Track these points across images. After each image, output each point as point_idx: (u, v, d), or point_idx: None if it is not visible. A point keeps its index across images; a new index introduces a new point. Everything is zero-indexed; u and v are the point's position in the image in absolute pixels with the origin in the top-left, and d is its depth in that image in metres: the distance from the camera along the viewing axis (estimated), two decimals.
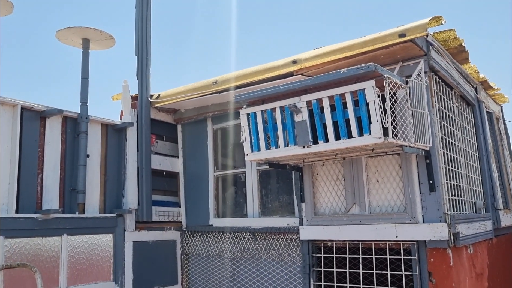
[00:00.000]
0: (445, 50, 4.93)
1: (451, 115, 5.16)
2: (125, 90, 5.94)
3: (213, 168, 6.19)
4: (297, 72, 4.86)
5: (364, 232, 4.63)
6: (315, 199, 5.12)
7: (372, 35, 4.40)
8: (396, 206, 4.59)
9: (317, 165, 5.13)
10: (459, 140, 5.31)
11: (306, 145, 4.12)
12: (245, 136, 4.56)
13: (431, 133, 4.34)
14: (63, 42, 5.51)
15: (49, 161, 5.10)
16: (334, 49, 4.57)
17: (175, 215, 6.33)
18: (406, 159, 4.52)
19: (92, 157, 5.50)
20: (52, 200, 5.07)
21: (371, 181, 4.78)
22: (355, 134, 3.87)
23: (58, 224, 4.92)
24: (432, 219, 4.30)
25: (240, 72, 5.34)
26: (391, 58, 4.56)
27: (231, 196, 6.17)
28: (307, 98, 4.13)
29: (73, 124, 5.39)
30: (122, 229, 5.58)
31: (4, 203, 4.64)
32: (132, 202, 5.73)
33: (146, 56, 6.11)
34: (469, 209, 5.21)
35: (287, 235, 5.35)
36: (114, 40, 5.57)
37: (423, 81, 4.39)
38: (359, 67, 3.78)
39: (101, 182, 5.62)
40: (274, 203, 5.68)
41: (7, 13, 4.68)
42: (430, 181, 4.36)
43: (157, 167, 6.20)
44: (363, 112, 3.81)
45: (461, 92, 5.51)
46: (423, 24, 4.09)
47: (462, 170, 5.22)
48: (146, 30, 6.17)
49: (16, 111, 4.79)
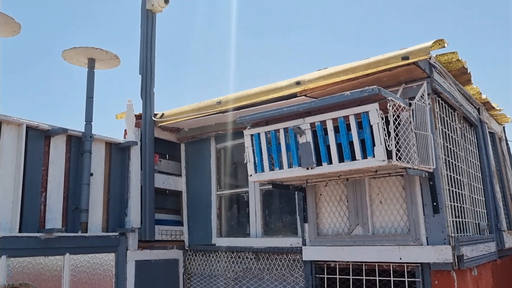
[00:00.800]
0: (447, 72, 4.97)
1: (454, 137, 5.18)
2: (129, 109, 5.97)
3: (216, 187, 6.20)
4: (300, 93, 4.89)
5: (368, 253, 4.61)
6: (318, 219, 5.11)
7: (376, 57, 4.44)
8: (399, 227, 4.58)
9: (321, 185, 5.13)
10: (462, 161, 5.32)
11: (310, 166, 4.13)
12: (249, 157, 4.58)
13: (434, 155, 4.36)
14: (69, 62, 5.57)
15: (53, 180, 5.11)
16: (338, 71, 4.61)
17: (178, 234, 6.32)
18: (410, 180, 4.53)
19: (95, 176, 5.52)
20: (56, 219, 5.07)
21: (374, 202, 4.78)
22: (359, 157, 3.88)
23: (61, 243, 4.91)
24: (436, 241, 4.29)
25: (243, 92, 5.38)
26: (394, 80, 4.59)
27: (234, 216, 6.16)
28: (311, 120, 4.16)
29: (77, 143, 5.41)
30: (124, 248, 5.56)
31: (8, 221, 4.64)
32: (135, 221, 5.72)
33: (151, 76, 6.17)
34: (473, 231, 5.19)
35: (290, 255, 5.33)
36: (119, 60, 5.63)
37: (426, 103, 4.42)
38: (363, 90, 3.81)
39: (104, 200, 5.62)
40: (277, 223, 5.67)
41: (14, 34, 4.74)
42: (433, 203, 4.36)
43: (160, 186, 6.20)
44: (367, 134, 3.82)
45: (464, 113, 5.53)
46: (426, 47, 4.13)
47: (466, 192, 5.22)
48: (151, 50, 6.24)
49: (21, 130, 4.82)
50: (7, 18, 4.45)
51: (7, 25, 4.57)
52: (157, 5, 6.25)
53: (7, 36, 4.76)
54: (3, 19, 4.46)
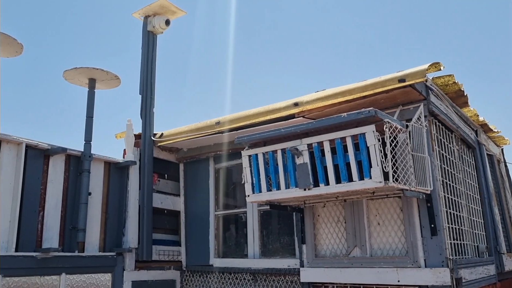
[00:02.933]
0: (444, 95, 5.02)
1: (451, 158, 5.19)
2: (129, 129, 6.01)
3: (214, 208, 6.19)
4: (298, 114, 4.93)
5: (366, 275, 4.58)
6: (316, 240, 5.09)
7: (373, 79, 4.49)
8: (397, 249, 4.56)
9: (318, 206, 5.12)
10: (460, 183, 5.32)
11: (307, 187, 4.14)
12: (246, 177, 4.59)
13: (431, 176, 4.37)
14: (70, 82, 5.63)
15: (51, 199, 5.11)
16: (335, 93, 4.66)
17: (175, 254, 6.28)
18: (407, 202, 4.52)
19: (94, 195, 5.52)
20: (52, 238, 5.05)
21: (372, 224, 4.77)
22: (356, 178, 3.89)
23: (57, 263, 4.89)
24: (434, 263, 4.27)
25: (242, 113, 5.42)
26: (391, 102, 4.63)
27: (232, 236, 6.14)
28: (308, 141, 4.18)
29: (76, 162, 5.43)
30: (121, 269, 5.53)
31: (4, 241, 4.63)
32: (132, 241, 5.70)
33: (151, 96, 6.22)
34: (471, 253, 5.16)
35: (287, 276, 5.30)
36: (119, 80, 5.69)
37: (423, 125, 4.45)
38: (360, 111, 3.84)
39: (102, 220, 5.61)
40: (275, 244, 5.64)
41: (17, 54, 4.81)
42: (431, 225, 4.35)
43: (159, 206, 6.20)
44: (364, 156, 3.84)
45: (461, 135, 5.56)
46: (422, 70, 4.18)
47: (464, 213, 5.21)
48: (151, 71, 6.31)
49: (20, 149, 4.85)
50: (9, 39, 4.52)
51: (10, 46, 4.64)
52: (158, 27, 6.35)
53: (10, 56, 4.83)
54: (6, 40, 4.53)
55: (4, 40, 4.53)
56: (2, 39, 4.50)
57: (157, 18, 6.34)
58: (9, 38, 4.51)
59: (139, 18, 6.49)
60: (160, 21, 6.33)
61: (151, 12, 6.36)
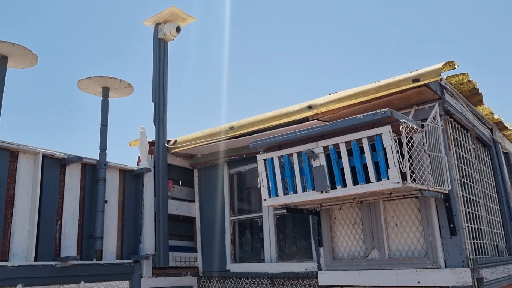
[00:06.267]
0: (459, 93, 4.98)
1: (468, 157, 5.15)
2: (143, 136, 6.04)
3: (229, 213, 6.19)
4: (312, 117, 4.93)
5: (385, 277, 4.54)
6: (333, 243, 5.07)
7: (386, 80, 4.48)
8: (416, 250, 4.52)
9: (335, 209, 5.10)
10: (477, 182, 5.27)
11: (324, 190, 4.13)
12: (262, 181, 4.58)
13: (449, 176, 4.33)
14: (84, 91, 5.68)
15: (68, 208, 5.15)
16: (349, 94, 4.65)
17: (192, 260, 6.29)
18: (425, 202, 4.49)
19: (110, 203, 5.55)
20: (71, 247, 5.08)
21: (390, 225, 4.74)
22: (373, 179, 3.87)
23: (76, 271, 4.92)
24: (454, 264, 4.22)
25: (256, 117, 5.42)
26: (405, 102, 4.61)
27: (248, 241, 6.13)
28: (324, 143, 4.17)
29: (92, 170, 5.47)
30: (139, 276, 5.54)
31: (23, 250, 4.67)
32: (149, 248, 5.72)
33: (163, 103, 6.25)
34: (491, 253, 5.10)
35: (305, 280, 5.27)
36: (132, 88, 5.73)
37: (438, 124, 4.42)
38: (375, 112, 3.83)
39: (119, 228, 5.63)
40: (291, 248, 5.63)
41: (32, 65, 4.86)
42: (450, 225, 4.31)
43: (174, 212, 6.21)
44: (381, 157, 3.83)
45: (477, 134, 5.51)
46: (436, 69, 4.16)
47: (482, 213, 5.16)
48: (163, 78, 6.34)
49: (37, 159, 4.89)
50: (25, 50, 4.57)
51: (25, 57, 4.69)
52: (169, 34, 6.39)
53: (25, 67, 4.88)
54: (21, 51, 4.58)
55: (20, 52, 4.58)
56: (18, 50, 4.56)
57: (168, 26, 6.38)
58: (24, 49, 4.56)
59: (150, 26, 6.54)
60: (171, 28, 6.36)
61: (162, 19, 6.41)
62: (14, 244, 4.59)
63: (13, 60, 4.73)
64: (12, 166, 4.72)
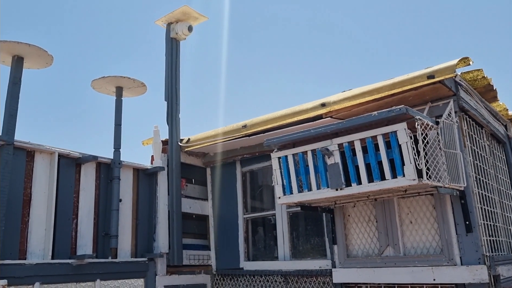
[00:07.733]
0: (473, 90, 4.95)
1: (483, 154, 5.12)
2: (156, 135, 6.08)
3: (242, 211, 6.21)
4: (326, 115, 4.92)
5: (400, 275, 4.54)
6: (347, 241, 5.07)
7: (400, 77, 4.46)
8: (431, 247, 4.50)
9: (349, 206, 5.10)
10: (492, 179, 5.24)
11: (339, 187, 4.13)
12: (276, 179, 4.59)
13: (464, 173, 4.31)
14: (98, 91, 5.72)
15: (83, 207, 5.20)
16: (363, 92, 4.64)
17: (205, 258, 6.32)
18: (440, 199, 4.47)
19: (124, 202, 5.59)
20: (86, 245, 5.13)
21: (404, 222, 4.72)
22: (389, 176, 3.87)
23: (92, 269, 4.96)
24: (470, 261, 4.21)
25: (269, 115, 5.43)
26: (420, 99, 4.59)
27: (261, 239, 6.15)
28: (338, 141, 4.17)
29: (107, 169, 5.51)
30: (153, 274, 5.58)
31: (41, 248, 4.72)
32: (163, 246, 5.75)
33: (176, 102, 6.28)
34: (507, 250, 5.07)
35: (319, 278, 5.28)
36: (146, 87, 5.76)
37: (453, 121, 4.40)
38: (390, 110, 3.82)
39: (133, 226, 5.68)
40: (305, 245, 5.63)
41: (47, 65, 4.90)
42: (466, 222, 4.29)
43: (187, 211, 6.25)
44: (396, 154, 3.82)
45: (492, 130, 5.48)
46: (451, 65, 4.14)
47: (498, 210, 5.12)
48: (176, 77, 6.37)
49: (53, 159, 4.94)
50: (40, 50, 4.62)
51: (40, 58, 4.73)
52: (181, 33, 6.41)
53: (40, 68, 4.92)
54: (37, 52, 4.62)
55: (36, 52, 4.63)
56: (34, 51, 4.60)
57: (180, 25, 6.41)
58: (40, 50, 4.61)
59: (162, 26, 6.57)
60: (183, 27, 6.39)
61: (174, 19, 6.44)
62: (31, 243, 4.65)
63: (29, 61, 4.78)
64: (28, 165, 4.78)
